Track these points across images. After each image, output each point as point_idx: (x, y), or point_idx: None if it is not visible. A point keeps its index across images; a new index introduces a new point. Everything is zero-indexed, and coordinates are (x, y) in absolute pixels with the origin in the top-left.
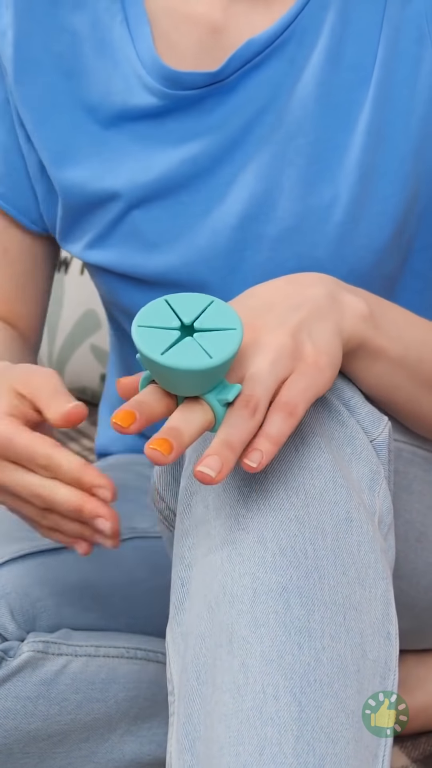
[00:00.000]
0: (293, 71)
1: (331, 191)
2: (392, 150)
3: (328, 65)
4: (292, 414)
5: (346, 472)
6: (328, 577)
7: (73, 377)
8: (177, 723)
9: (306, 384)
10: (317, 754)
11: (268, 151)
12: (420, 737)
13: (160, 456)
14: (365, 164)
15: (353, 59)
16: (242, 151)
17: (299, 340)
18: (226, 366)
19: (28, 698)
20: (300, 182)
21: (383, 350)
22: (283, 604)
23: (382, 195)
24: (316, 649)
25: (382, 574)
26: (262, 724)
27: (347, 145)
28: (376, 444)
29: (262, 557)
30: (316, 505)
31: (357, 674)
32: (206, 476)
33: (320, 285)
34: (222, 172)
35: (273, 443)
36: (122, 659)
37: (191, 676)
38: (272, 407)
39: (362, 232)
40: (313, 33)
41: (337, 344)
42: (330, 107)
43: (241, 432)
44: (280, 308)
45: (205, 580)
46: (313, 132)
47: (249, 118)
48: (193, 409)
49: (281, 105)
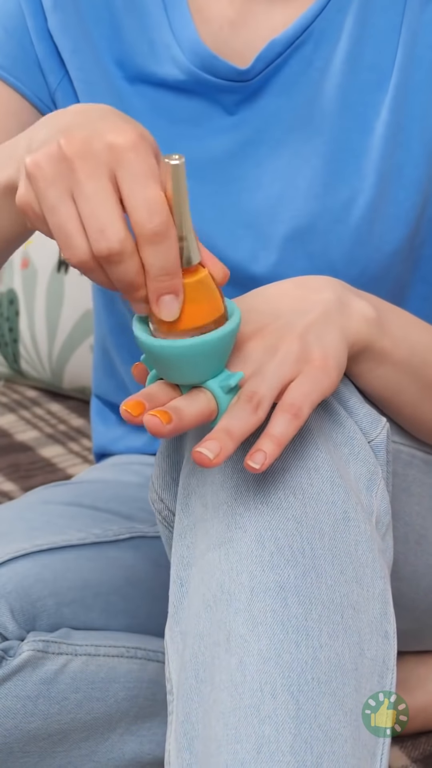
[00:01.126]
0: (311, 72)
1: (346, 192)
2: (408, 154)
3: (347, 67)
4: (296, 416)
5: (343, 471)
6: (326, 576)
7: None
8: (175, 721)
9: (311, 386)
10: (315, 752)
11: (286, 151)
12: (420, 737)
13: (159, 423)
14: (381, 167)
15: (372, 62)
16: (259, 150)
17: (307, 343)
18: (221, 347)
19: (28, 697)
20: (316, 183)
21: (388, 353)
22: (280, 602)
23: (396, 198)
24: (314, 647)
25: (379, 573)
26: (260, 722)
27: (364, 147)
28: (374, 445)
29: (259, 556)
30: (314, 505)
31: (355, 673)
32: (204, 458)
33: (329, 289)
34: (237, 171)
35: (276, 444)
36: (122, 658)
37: (190, 674)
38: (277, 408)
39: (375, 234)
40: (331, 35)
41: (343, 349)
42: (348, 109)
43: (242, 423)
44: (288, 314)
45: (204, 578)
46: (330, 133)
47: (267, 119)
48: (196, 395)
49: (299, 106)
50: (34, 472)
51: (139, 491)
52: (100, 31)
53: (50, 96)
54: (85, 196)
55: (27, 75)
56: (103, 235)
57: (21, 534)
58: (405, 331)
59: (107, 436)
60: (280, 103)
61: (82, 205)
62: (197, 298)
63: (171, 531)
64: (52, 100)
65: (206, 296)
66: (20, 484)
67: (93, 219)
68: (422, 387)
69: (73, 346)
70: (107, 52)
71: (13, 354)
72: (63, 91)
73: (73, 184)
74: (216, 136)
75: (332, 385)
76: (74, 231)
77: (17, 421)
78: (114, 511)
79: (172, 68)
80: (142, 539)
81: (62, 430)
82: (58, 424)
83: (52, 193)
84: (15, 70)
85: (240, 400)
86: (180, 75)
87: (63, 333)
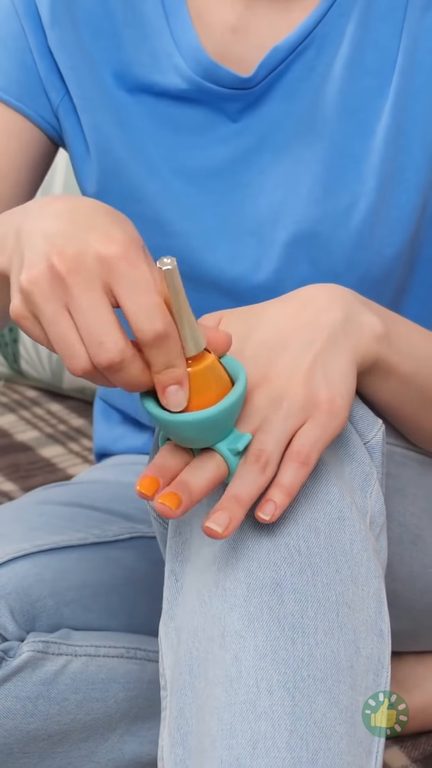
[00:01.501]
0: (313, 77)
1: (348, 197)
2: (409, 157)
3: (348, 73)
4: (305, 464)
5: (338, 472)
6: (322, 574)
7: (73, 377)
8: (169, 717)
9: (320, 433)
10: (310, 748)
11: (288, 157)
12: (420, 737)
13: (169, 510)
14: (382, 171)
15: (373, 67)
16: (262, 157)
17: (313, 386)
18: (228, 415)
19: (28, 698)
20: (317, 188)
21: (395, 367)
22: (276, 599)
23: (397, 201)
24: (310, 644)
25: (374, 572)
26: (256, 718)
27: (365, 151)
28: (370, 446)
29: (256, 552)
30: (309, 504)
31: (350, 670)
32: (214, 532)
33: (337, 307)
34: (240, 177)
35: (286, 494)
36: (122, 659)
37: (184, 669)
38: (285, 457)
39: (377, 237)
40: (333, 40)
41: (352, 376)
42: (349, 114)
43: (250, 487)
44: (294, 346)
45: (199, 574)
46: (331, 138)
47: (270, 125)
48: (204, 462)
49: (301, 112)
50: (34, 472)
51: None
52: (100, 44)
53: (53, 113)
54: (81, 310)
55: (29, 95)
56: (102, 347)
57: (20, 534)
58: (411, 344)
59: (109, 435)
60: (283, 109)
61: (78, 318)
62: (205, 385)
63: (165, 527)
64: (55, 117)
65: (214, 380)
66: (20, 484)
67: (90, 332)
68: (426, 399)
69: None
70: (106, 65)
71: (13, 354)
72: (65, 108)
73: (69, 300)
74: (219, 144)
75: (340, 426)
76: (74, 342)
77: (17, 421)
78: (114, 512)
79: (174, 77)
80: (142, 539)
81: (62, 430)
82: (58, 424)
83: (49, 309)
84: (17, 91)
85: (247, 462)
86: (182, 84)
87: None
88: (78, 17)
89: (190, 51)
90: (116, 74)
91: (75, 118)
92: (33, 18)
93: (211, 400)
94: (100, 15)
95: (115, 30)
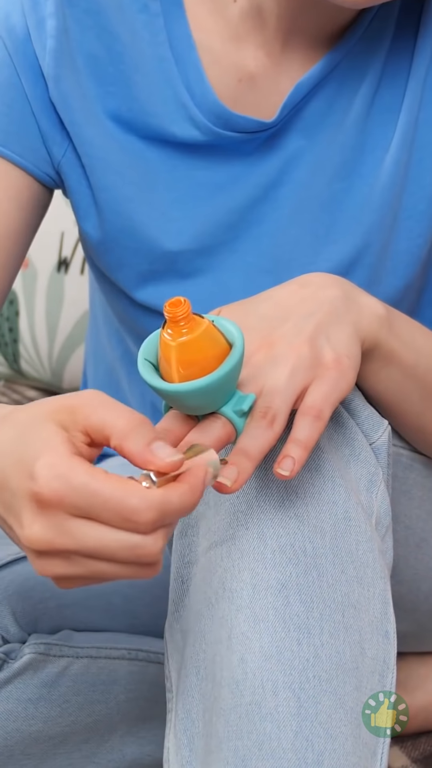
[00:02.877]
0: (333, 113)
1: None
2: (419, 190)
3: (364, 110)
4: (318, 417)
5: (344, 472)
6: (327, 575)
7: (73, 377)
8: (175, 719)
9: (329, 388)
10: (316, 749)
11: (305, 193)
12: (420, 737)
13: None
14: (393, 203)
15: (385, 102)
16: (279, 193)
17: (317, 348)
18: (229, 379)
19: (29, 700)
20: (332, 226)
21: (396, 355)
22: (282, 600)
23: (408, 234)
24: (315, 645)
25: (380, 573)
26: (261, 719)
27: (377, 184)
28: (376, 447)
29: (261, 554)
30: (315, 504)
31: (356, 671)
32: (223, 486)
33: (335, 286)
34: (257, 215)
35: (303, 448)
36: (123, 660)
37: (190, 672)
38: (298, 413)
39: (388, 270)
40: (354, 76)
41: (356, 344)
42: (364, 152)
43: (258, 442)
44: (295, 316)
45: (205, 576)
46: (348, 176)
47: (288, 160)
48: (211, 425)
49: (320, 148)
50: None
51: None
52: (106, 89)
53: (54, 168)
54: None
55: (29, 149)
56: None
57: None
58: (413, 335)
59: None
60: (301, 145)
61: None
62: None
63: None
64: (56, 172)
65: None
66: None
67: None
68: (426, 395)
69: (73, 346)
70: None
71: (13, 354)
72: (68, 162)
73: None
74: (236, 184)
75: (350, 385)
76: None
77: None
78: None
79: (191, 129)
80: None
81: None
82: None
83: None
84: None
85: (254, 419)
86: (200, 136)
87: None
88: (79, 66)
89: (206, 102)
90: (126, 121)
91: (80, 174)
92: (33, 69)
93: (209, 365)
94: (105, 60)
95: (123, 75)
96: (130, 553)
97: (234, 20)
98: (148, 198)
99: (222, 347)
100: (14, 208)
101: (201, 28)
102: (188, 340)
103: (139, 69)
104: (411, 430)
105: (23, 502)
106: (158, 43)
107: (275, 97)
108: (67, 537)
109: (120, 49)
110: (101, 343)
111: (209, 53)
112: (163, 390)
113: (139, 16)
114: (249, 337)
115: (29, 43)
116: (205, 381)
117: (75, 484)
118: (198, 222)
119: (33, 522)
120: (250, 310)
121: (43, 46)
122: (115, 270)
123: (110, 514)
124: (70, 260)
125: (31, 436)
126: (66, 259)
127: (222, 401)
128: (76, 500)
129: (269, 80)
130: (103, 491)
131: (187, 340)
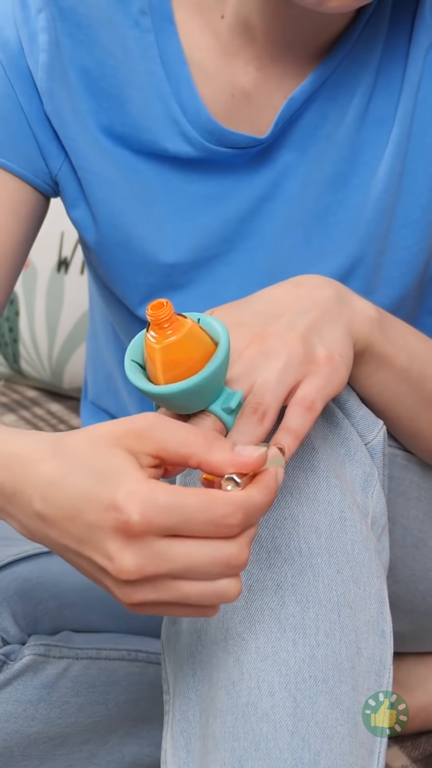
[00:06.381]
0: (326, 125)
1: (355, 247)
2: (414, 200)
3: (357, 122)
4: (310, 409)
5: (339, 472)
6: (323, 575)
7: (73, 377)
8: (172, 720)
9: (322, 382)
10: (312, 749)
11: (297, 205)
12: (420, 737)
13: None
14: (388, 214)
15: (378, 114)
16: (273, 205)
17: (310, 345)
18: (215, 378)
19: (29, 701)
20: (326, 238)
21: (389, 357)
22: (277, 600)
23: (403, 244)
24: (311, 645)
25: (376, 572)
26: (257, 720)
27: (370, 197)
28: (371, 447)
29: (257, 554)
30: (310, 504)
31: (352, 671)
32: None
33: (328, 287)
34: (251, 227)
35: (294, 437)
36: (123, 662)
37: (187, 673)
38: (290, 404)
39: (384, 280)
40: (346, 89)
41: (349, 344)
42: (357, 164)
43: (248, 438)
44: (289, 313)
45: None
46: (341, 188)
47: (281, 173)
48: (200, 423)
49: (312, 160)
50: None
51: None
52: (99, 104)
53: (52, 179)
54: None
55: (27, 160)
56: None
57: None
58: (405, 339)
59: None
60: (294, 157)
61: None
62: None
63: None
64: (54, 182)
65: (195, 346)
66: None
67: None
68: (420, 399)
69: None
70: (107, 126)
71: (13, 354)
72: (64, 175)
73: None
74: (230, 196)
75: (342, 382)
76: None
77: (17, 421)
78: None
79: (184, 145)
80: None
81: (62, 430)
82: (58, 424)
83: None
84: (12, 155)
85: (244, 414)
86: (193, 152)
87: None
88: (72, 80)
89: (199, 119)
90: (119, 136)
91: (77, 187)
92: (27, 83)
93: (195, 365)
94: (98, 75)
95: (116, 90)
96: (220, 563)
97: (224, 35)
98: (143, 212)
99: (207, 346)
100: (13, 221)
101: (192, 44)
102: (172, 342)
103: (132, 84)
104: (406, 435)
105: (106, 534)
106: (150, 58)
107: (268, 111)
108: (157, 559)
109: (112, 64)
110: (100, 350)
111: (201, 69)
112: (149, 392)
113: (130, 32)
114: (241, 332)
115: (23, 57)
116: (190, 382)
117: (161, 505)
118: (193, 234)
119: (122, 552)
120: (243, 308)
121: (36, 60)
122: (115, 283)
123: (200, 524)
124: (70, 260)
125: (99, 465)
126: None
127: (210, 399)
128: (165, 520)
129: (262, 95)
130: (189, 503)
131: (171, 342)
